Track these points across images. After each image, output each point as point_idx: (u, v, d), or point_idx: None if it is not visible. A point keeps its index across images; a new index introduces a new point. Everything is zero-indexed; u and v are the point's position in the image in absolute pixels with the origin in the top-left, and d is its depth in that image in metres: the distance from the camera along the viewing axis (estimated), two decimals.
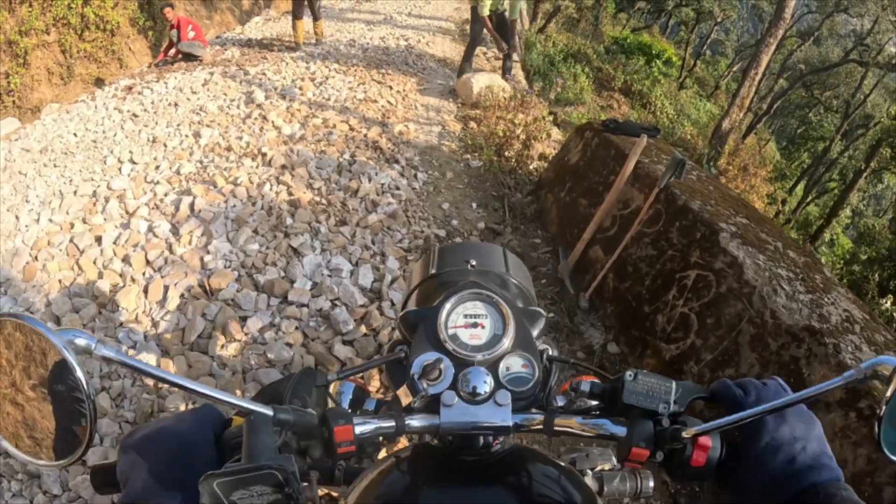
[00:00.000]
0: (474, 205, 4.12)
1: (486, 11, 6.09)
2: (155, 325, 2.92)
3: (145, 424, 0.68)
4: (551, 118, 6.14)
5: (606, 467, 0.99)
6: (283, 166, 4.20)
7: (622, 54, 17.62)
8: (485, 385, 0.72)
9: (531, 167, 4.74)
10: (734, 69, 29.01)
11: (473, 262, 1.02)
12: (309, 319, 2.87)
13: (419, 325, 0.81)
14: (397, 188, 4.04)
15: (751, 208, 2.92)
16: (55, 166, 4.73)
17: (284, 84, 6.21)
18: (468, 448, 0.78)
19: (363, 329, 2.82)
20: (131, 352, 2.78)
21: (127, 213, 3.80)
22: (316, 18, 7.97)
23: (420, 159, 4.65)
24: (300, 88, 6.03)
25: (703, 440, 0.65)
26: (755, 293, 2.30)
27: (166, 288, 3.13)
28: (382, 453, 0.84)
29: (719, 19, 23.12)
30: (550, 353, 0.84)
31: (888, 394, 0.56)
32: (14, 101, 6.50)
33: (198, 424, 0.67)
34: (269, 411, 0.62)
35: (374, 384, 2.53)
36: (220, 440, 0.67)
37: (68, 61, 7.19)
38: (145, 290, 3.16)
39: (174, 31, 7.46)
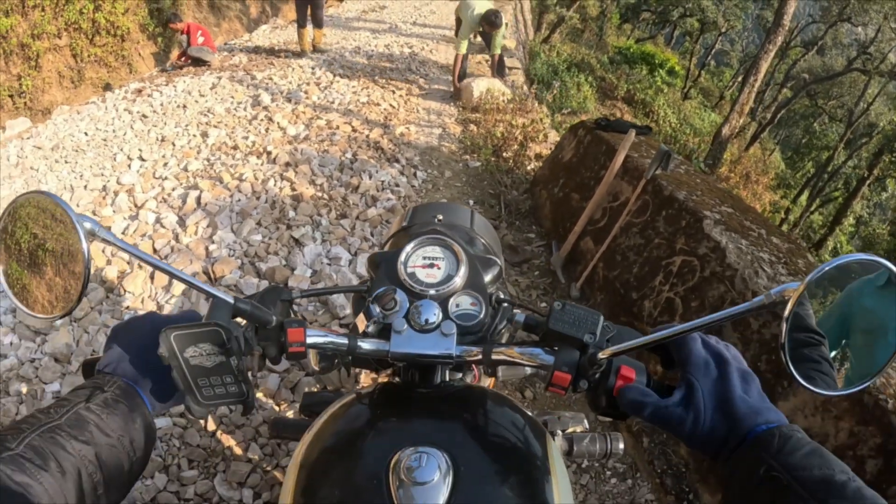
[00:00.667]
0: (471, 202, 4.24)
1: (462, 50, 6.41)
2: (160, 308, 3.02)
3: (136, 316, 0.78)
4: (549, 121, 6.27)
5: (578, 429, 1.05)
6: (287, 164, 4.33)
7: (625, 64, 17.78)
8: (434, 316, 0.79)
9: (528, 167, 4.85)
10: (738, 79, 29.05)
11: (440, 217, 1.14)
12: (308, 304, 2.98)
13: (382, 264, 0.88)
14: (397, 185, 4.17)
15: (736, 199, 3.02)
16: (66, 162, 4.87)
17: (290, 88, 6.36)
18: (425, 383, 0.86)
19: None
20: None
21: (136, 205, 3.93)
22: (316, 26, 8.12)
23: (420, 159, 4.78)
24: (305, 92, 6.18)
25: (625, 370, 0.68)
26: (737, 276, 2.38)
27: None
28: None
29: (724, 30, 23.19)
30: (500, 296, 0.88)
31: (786, 312, 0.58)
32: (25, 103, 6.63)
33: (179, 318, 0.75)
34: (230, 299, 0.71)
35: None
36: None
37: (79, 65, 7.32)
38: (151, 277, 3.26)
39: (184, 37, 7.64)
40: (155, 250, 3.47)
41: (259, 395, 2.54)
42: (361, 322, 0.81)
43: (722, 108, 24.42)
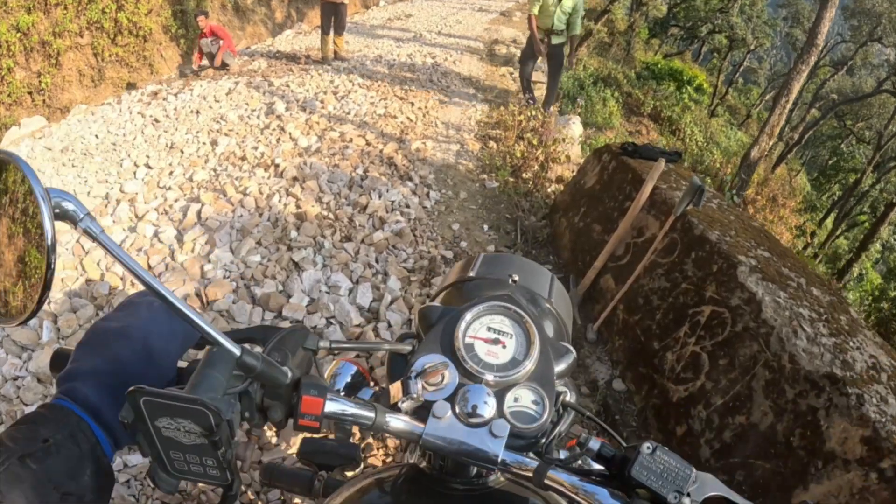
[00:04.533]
0: (486, 227, 4.01)
1: (535, 11, 5.92)
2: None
3: (120, 312, 0.64)
4: (581, 139, 6.02)
5: None
6: (295, 178, 4.15)
7: (653, 80, 17.49)
8: (486, 407, 0.65)
9: (549, 190, 4.63)
10: (766, 98, 28.64)
11: (516, 277, 0.91)
12: (317, 322, 2.79)
13: (436, 323, 0.73)
14: (407, 206, 3.95)
15: (773, 240, 2.77)
16: (73, 166, 4.77)
17: (307, 96, 6.21)
18: (460, 475, 0.72)
19: None
20: None
21: (136, 216, 3.79)
22: (338, 34, 7.99)
23: (435, 177, 4.56)
24: (321, 101, 6.02)
25: None
26: (773, 334, 2.14)
27: None
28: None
29: (752, 47, 22.88)
30: (567, 398, 0.74)
31: None
32: (44, 101, 6.63)
33: (168, 336, 0.63)
34: (236, 350, 0.56)
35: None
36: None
37: (100, 64, 7.32)
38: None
39: (205, 40, 7.54)
40: (150, 266, 3.31)
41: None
42: (396, 392, 0.67)
43: (749, 126, 24.08)
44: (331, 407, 0.62)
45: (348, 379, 0.88)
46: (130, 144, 5.08)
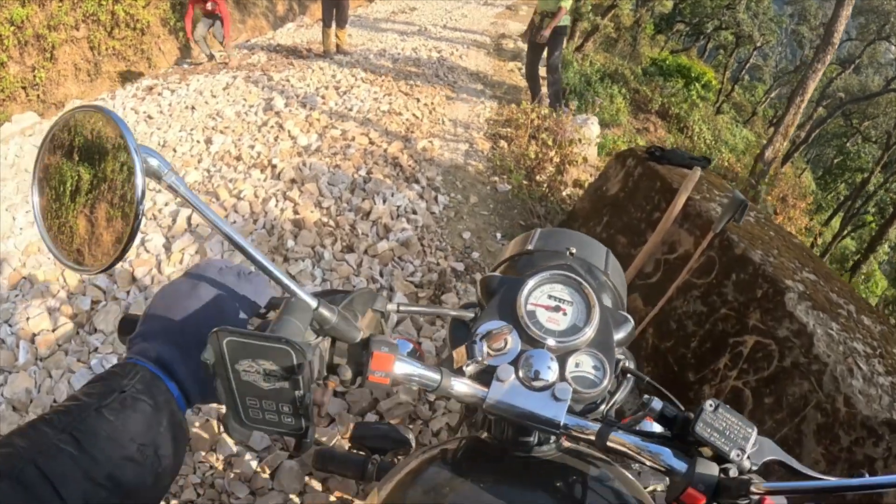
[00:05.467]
0: (499, 235, 3.74)
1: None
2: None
3: (188, 277, 0.64)
4: (598, 139, 5.74)
5: (659, 488, 0.93)
6: (293, 180, 3.89)
7: (660, 76, 17.21)
8: (549, 372, 0.66)
9: (564, 194, 4.37)
10: (772, 95, 28.37)
11: (573, 250, 0.93)
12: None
13: (498, 291, 0.75)
14: (414, 212, 3.68)
15: (817, 260, 2.52)
16: None
17: (307, 92, 5.94)
18: (520, 444, 0.72)
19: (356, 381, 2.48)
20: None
21: None
22: (340, 27, 7.72)
23: (443, 179, 4.29)
24: (322, 97, 5.76)
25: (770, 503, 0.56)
26: (826, 372, 1.89)
27: None
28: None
29: (759, 44, 22.63)
30: (627, 364, 0.77)
31: None
32: (38, 96, 6.46)
33: (237, 299, 0.63)
34: (313, 302, 0.59)
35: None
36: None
37: (96, 58, 7.18)
38: (125, 312, 2.88)
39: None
40: (134, 279, 3.08)
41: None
42: (460, 357, 0.68)
43: (754, 123, 23.85)
44: (399, 368, 0.63)
45: (405, 353, 0.81)
46: None
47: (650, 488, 0.91)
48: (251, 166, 4.17)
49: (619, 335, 0.75)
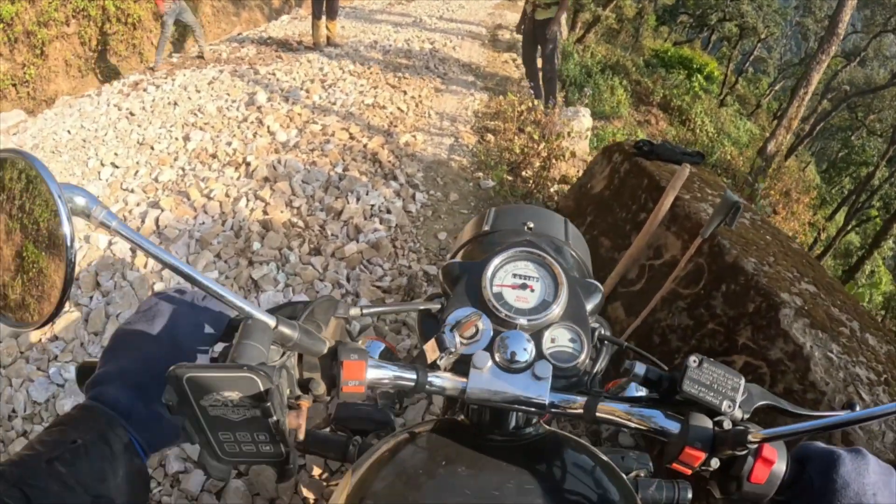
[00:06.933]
0: None
1: None
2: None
3: (142, 313, 0.61)
4: (590, 131, 5.52)
5: (642, 473, 0.93)
6: (266, 179, 3.72)
7: (662, 68, 17.00)
8: (525, 353, 0.65)
9: (551, 190, 4.17)
10: (776, 88, 28.06)
11: (531, 225, 0.94)
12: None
13: (461, 278, 0.73)
14: (388, 211, 3.49)
15: (818, 268, 2.32)
16: None
17: (292, 86, 5.76)
18: (498, 427, 0.71)
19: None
20: (60, 403, 2.36)
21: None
22: (331, 18, 7.53)
23: (423, 176, 4.10)
24: (307, 91, 5.57)
25: (768, 451, 0.55)
26: (823, 401, 1.70)
27: (108, 318, 2.71)
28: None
29: (763, 36, 22.37)
30: (602, 332, 0.77)
31: None
32: (29, 93, 6.34)
33: (194, 329, 0.60)
34: (271, 321, 0.55)
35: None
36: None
37: (87, 54, 7.14)
38: (86, 319, 2.73)
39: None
40: (98, 285, 2.92)
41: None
42: (432, 351, 0.64)
43: (758, 116, 23.61)
44: (372, 373, 0.62)
45: (377, 356, 0.85)
46: (100, 141, 4.67)
47: (633, 473, 0.90)
48: (225, 164, 4.00)
49: (590, 304, 0.74)
